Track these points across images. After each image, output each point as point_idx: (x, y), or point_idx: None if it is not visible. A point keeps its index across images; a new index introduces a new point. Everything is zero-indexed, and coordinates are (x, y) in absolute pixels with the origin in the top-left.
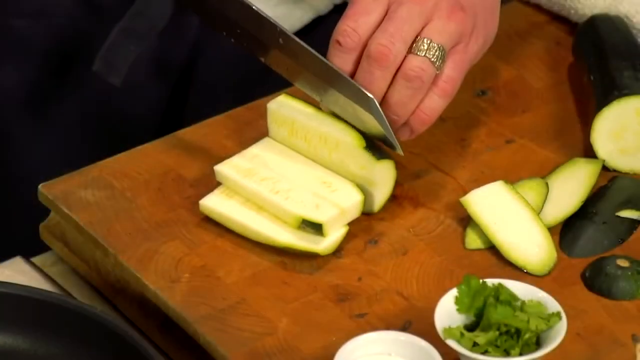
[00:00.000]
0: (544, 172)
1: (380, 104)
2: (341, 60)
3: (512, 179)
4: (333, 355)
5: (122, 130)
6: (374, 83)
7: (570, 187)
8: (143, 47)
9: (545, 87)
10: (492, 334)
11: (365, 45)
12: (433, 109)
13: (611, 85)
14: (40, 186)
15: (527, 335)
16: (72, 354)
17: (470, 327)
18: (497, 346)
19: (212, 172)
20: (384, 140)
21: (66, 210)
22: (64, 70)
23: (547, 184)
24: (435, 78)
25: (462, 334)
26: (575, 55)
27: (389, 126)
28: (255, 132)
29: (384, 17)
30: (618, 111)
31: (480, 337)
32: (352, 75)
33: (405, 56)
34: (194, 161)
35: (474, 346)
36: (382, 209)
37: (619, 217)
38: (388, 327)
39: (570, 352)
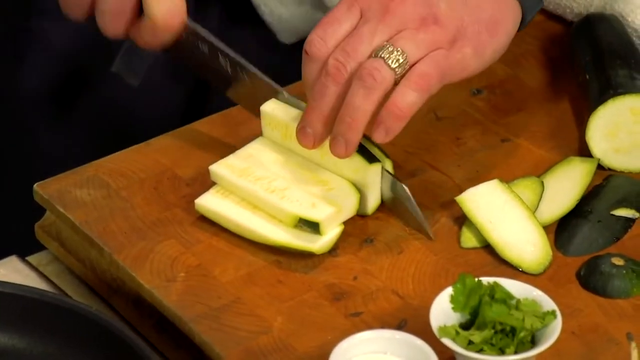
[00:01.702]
0: (539, 171)
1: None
2: (308, 69)
3: (507, 177)
4: (328, 354)
5: (140, 132)
6: (327, 96)
7: (566, 186)
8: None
9: (541, 86)
10: (488, 333)
11: None
12: (407, 103)
13: (606, 84)
14: (35, 185)
15: (522, 334)
16: (68, 353)
17: (466, 326)
18: (492, 344)
19: (208, 171)
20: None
21: (61, 210)
22: (82, 72)
23: (542, 183)
24: (409, 73)
25: (457, 333)
26: (570, 54)
27: (421, 214)
28: (250, 131)
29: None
30: (613, 110)
31: (476, 336)
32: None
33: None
34: (190, 160)
35: (469, 345)
36: (378, 208)
37: (613, 215)
38: (383, 325)
39: (565, 350)
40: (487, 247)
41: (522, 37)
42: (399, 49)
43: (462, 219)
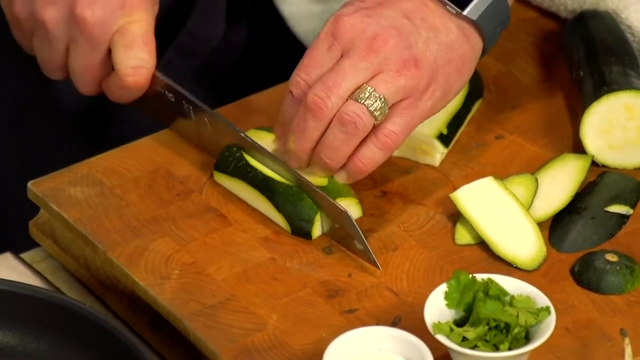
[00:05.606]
0: (534, 167)
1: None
2: (292, 109)
3: (501, 174)
4: (323, 350)
5: (137, 132)
6: (306, 131)
7: (560, 182)
8: (196, 64)
9: (535, 83)
10: (482, 329)
11: None
12: (370, 159)
13: (600, 80)
14: (29, 183)
15: (516, 330)
16: (61, 351)
17: (460, 322)
18: (486, 341)
19: (202, 169)
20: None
21: (55, 208)
22: None
23: (536, 180)
24: (377, 130)
25: (451, 329)
26: (564, 51)
27: (367, 244)
28: (244, 129)
29: None
30: (607, 106)
31: (470, 332)
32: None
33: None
34: (184, 158)
35: (464, 341)
36: (372, 205)
37: (607, 212)
38: (378, 322)
39: (559, 346)
40: (482, 244)
41: (515, 34)
42: (381, 96)
43: (456, 216)
